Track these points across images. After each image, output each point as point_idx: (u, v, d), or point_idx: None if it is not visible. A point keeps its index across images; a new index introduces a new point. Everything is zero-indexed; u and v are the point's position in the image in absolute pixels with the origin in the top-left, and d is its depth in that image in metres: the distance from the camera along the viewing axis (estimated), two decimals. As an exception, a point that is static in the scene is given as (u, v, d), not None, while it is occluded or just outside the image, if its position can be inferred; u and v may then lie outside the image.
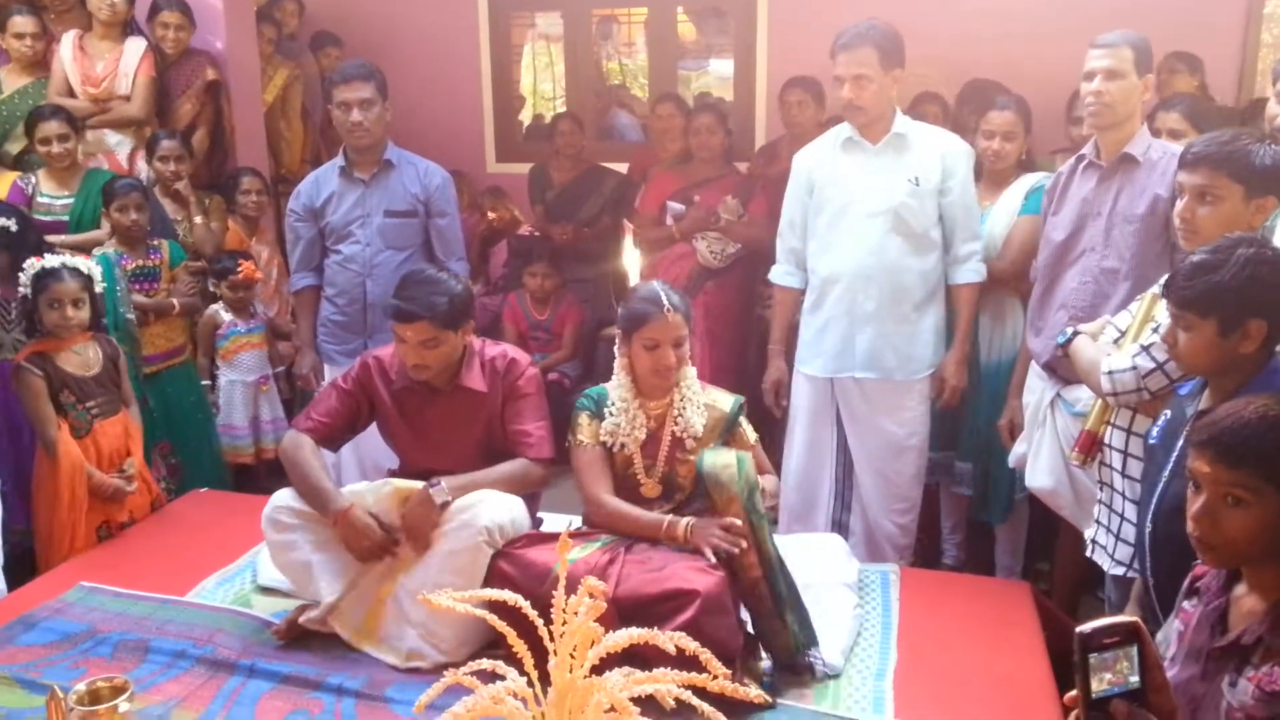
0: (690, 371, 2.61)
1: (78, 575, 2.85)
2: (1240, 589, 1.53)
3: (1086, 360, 2.39)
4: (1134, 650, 1.14)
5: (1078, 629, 1.13)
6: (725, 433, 2.59)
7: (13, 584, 2.85)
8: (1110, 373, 2.26)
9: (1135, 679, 1.13)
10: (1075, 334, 2.49)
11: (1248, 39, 4.55)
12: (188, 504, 3.32)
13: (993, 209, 3.22)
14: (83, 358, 3.14)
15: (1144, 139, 2.66)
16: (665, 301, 2.49)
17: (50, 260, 3.11)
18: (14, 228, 3.22)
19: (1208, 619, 1.55)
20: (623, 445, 2.57)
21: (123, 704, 1.99)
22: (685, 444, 2.55)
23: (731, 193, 4.07)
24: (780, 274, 3.28)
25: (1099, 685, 1.13)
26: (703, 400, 2.60)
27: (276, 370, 4.24)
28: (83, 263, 3.15)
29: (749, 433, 2.63)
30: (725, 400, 2.63)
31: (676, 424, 2.55)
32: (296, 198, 3.51)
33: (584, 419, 2.60)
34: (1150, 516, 1.98)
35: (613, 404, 2.58)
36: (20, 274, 3.08)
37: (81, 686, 2.02)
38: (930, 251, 3.05)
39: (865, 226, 3.01)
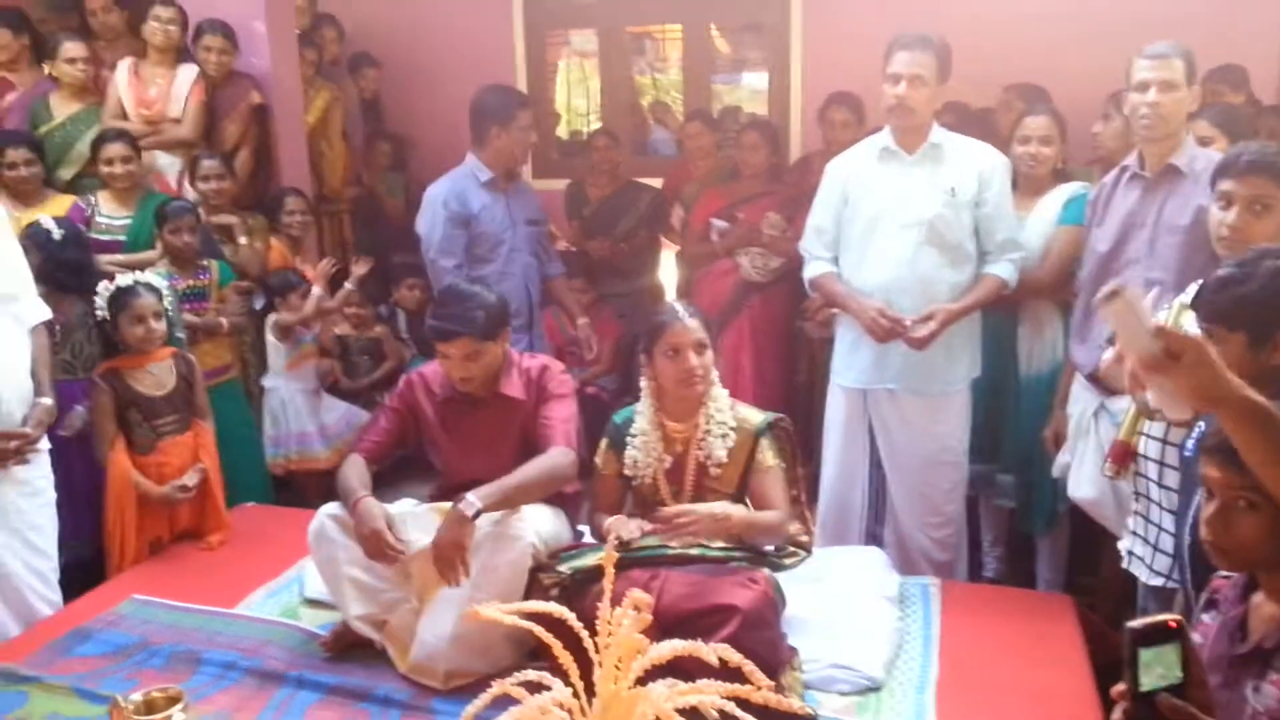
0: (718, 393, 2.57)
1: (130, 588, 2.92)
2: (1258, 597, 1.54)
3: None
4: (1178, 647, 1.18)
5: (1128, 624, 1.17)
6: (753, 452, 2.55)
7: (74, 595, 2.92)
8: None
9: (1179, 674, 1.18)
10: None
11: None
12: (235, 518, 3.38)
13: (1029, 218, 3.20)
14: (156, 377, 3.23)
15: (1189, 150, 2.65)
16: (679, 308, 2.54)
17: (124, 278, 3.22)
18: (57, 235, 3.26)
19: (1227, 628, 1.56)
20: (642, 477, 2.59)
21: (177, 714, 2.04)
22: (709, 471, 2.54)
23: (776, 209, 4.09)
24: (812, 269, 3.20)
25: (1148, 680, 1.17)
26: (730, 421, 2.55)
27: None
28: (153, 278, 3.27)
29: (769, 457, 2.54)
30: (755, 418, 2.58)
31: (700, 449, 2.54)
32: (445, 204, 3.60)
33: (604, 446, 2.65)
34: (1189, 529, 1.97)
35: (634, 435, 2.60)
36: (95, 296, 3.19)
37: (137, 696, 2.07)
38: (965, 264, 3.03)
39: (899, 238, 3.00)
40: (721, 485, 2.55)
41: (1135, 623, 1.17)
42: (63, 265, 3.25)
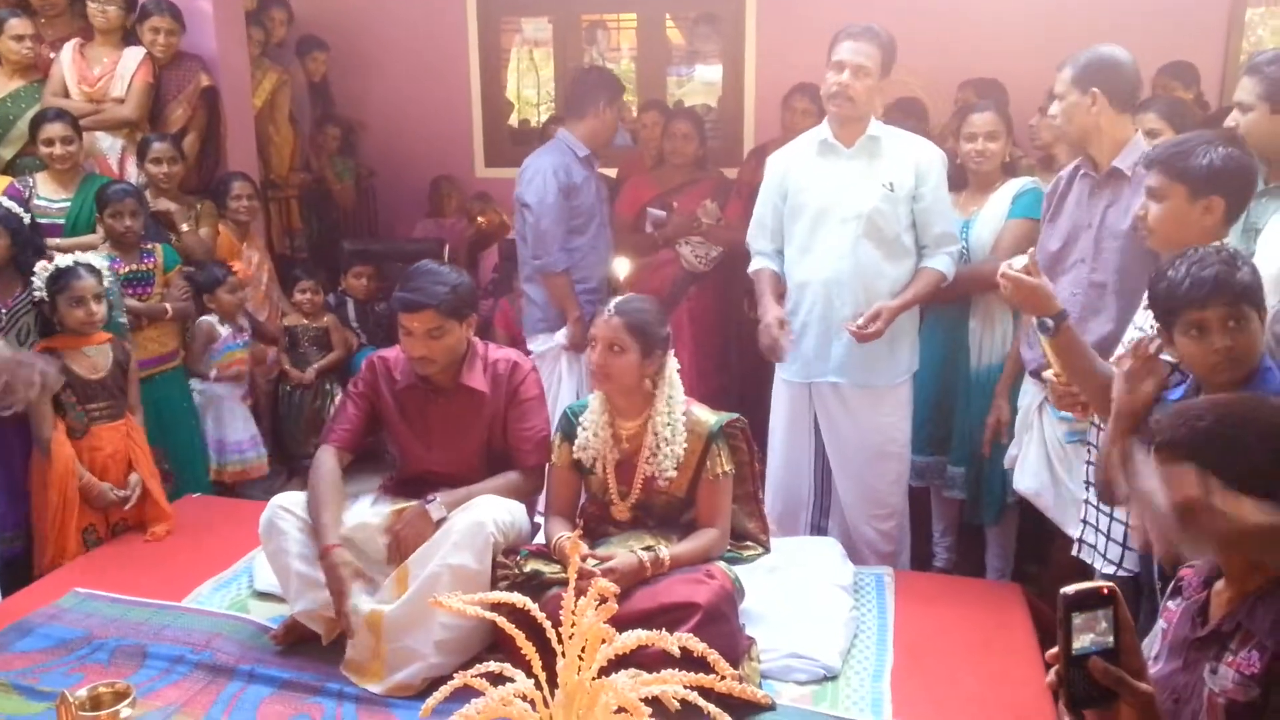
0: (669, 404, 2.53)
1: (72, 581, 2.84)
2: (1220, 584, 1.58)
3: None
4: (1111, 613, 1.22)
5: (1062, 590, 1.21)
6: (704, 457, 2.52)
7: (4, 590, 2.84)
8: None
9: (1111, 639, 1.22)
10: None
11: (1230, 45, 4.63)
12: (180, 509, 3.30)
13: (980, 214, 3.24)
14: (92, 360, 3.15)
15: (1135, 152, 2.62)
16: (611, 303, 2.51)
17: (63, 259, 3.14)
18: (26, 218, 3.24)
19: (1189, 613, 1.60)
20: (594, 464, 2.57)
21: (124, 709, 2.00)
22: (658, 483, 2.53)
23: (709, 196, 4.11)
24: (756, 262, 3.22)
25: (1080, 643, 1.21)
26: (680, 433, 2.51)
27: (269, 375, 4.24)
28: (94, 260, 3.19)
29: (719, 463, 2.51)
30: (708, 421, 2.54)
31: (649, 463, 2.52)
32: (555, 174, 3.65)
33: (558, 439, 2.63)
34: None
35: (585, 418, 2.59)
36: (32, 278, 3.10)
37: (83, 692, 2.02)
38: (904, 258, 3.05)
39: (839, 232, 3.01)
40: (671, 490, 2.55)
41: (1069, 589, 1.21)
42: (28, 246, 3.20)
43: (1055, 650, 1.22)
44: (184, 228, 3.98)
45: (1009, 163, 3.38)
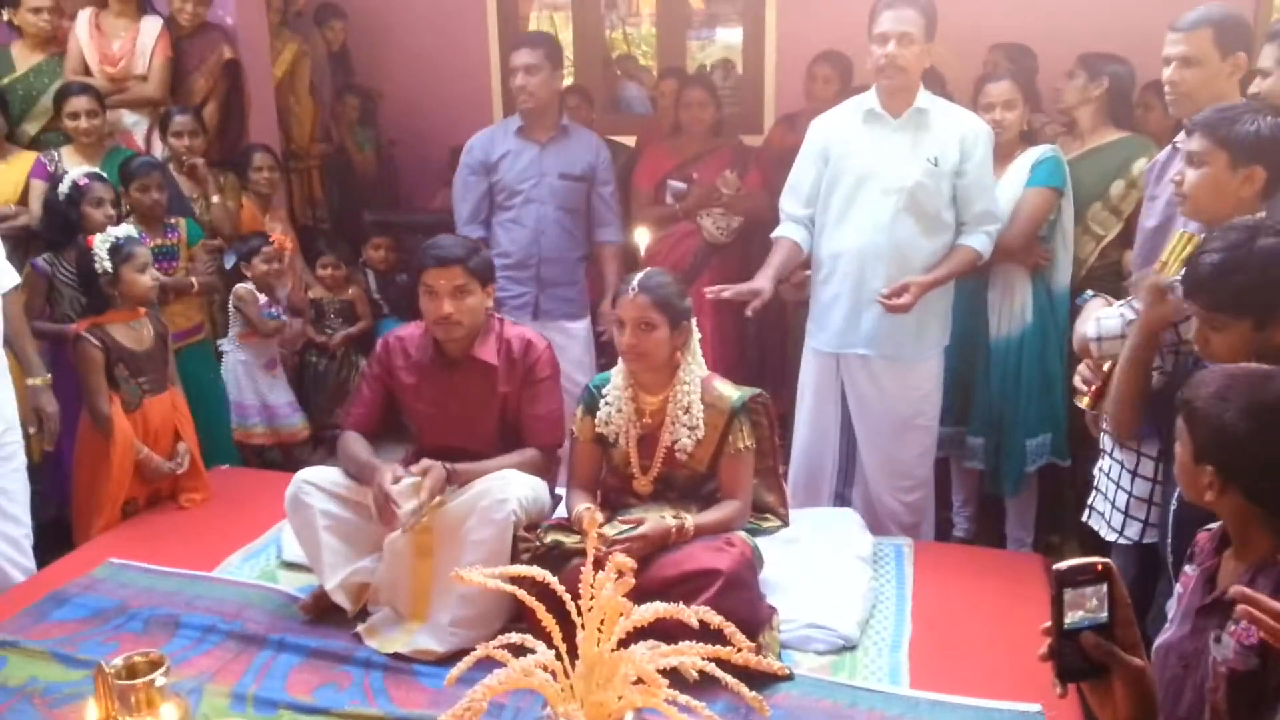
0: (691, 375, 2.55)
1: (105, 552, 2.90)
2: (1230, 551, 1.61)
3: (1086, 312, 2.45)
4: (1104, 589, 1.23)
5: (1054, 566, 1.23)
6: (726, 432, 2.54)
7: (40, 557, 2.91)
8: (1099, 319, 2.34)
9: (1104, 615, 1.23)
10: (1094, 295, 2.52)
11: (1260, 7, 4.51)
12: (211, 481, 3.36)
13: (998, 184, 3.20)
14: (137, 333, 3.17)
15: None
16: (634, 281, 2.50)
17: (123, 228, 3.18)
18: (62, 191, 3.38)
19: (1199, 580, 1.63)
20: (616, 437, 2.59)
21: (159, 678, 2.04)
22: (677, 457, 2.55)
23: (728, 165, 4.08)
24: (781, 229, 3.17)
25: (1072, 618, 1.23)
26: (699, 408, 2.51)
27: (295, 347, 4.29)
28: (130, 230, 3.23)
29: (741, 438, 2.52)
30: (731, 396, 2.54)
31: (670, 434, 2.54)
32: (469, 152, 3.72)
33: (580, 412, 2.65)
34: (1177, 495, 2.02)
35: (608, 392, 2.60)
36: (92, 247, 3.08)
37: (118, 661, 2.07)
38: (942, 233, 3.03)
39: (879, 203, 2.99)
40: (692, 464, 2.56)
41: (1061, 565, 1.23)
42: (63, 222, 3.33)
43: (1048, 624, 1.24)
44: (214, 199, 4.02)
45: (1029, 130, 3.34)
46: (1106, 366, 2.40)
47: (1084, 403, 2.49)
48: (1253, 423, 1.51)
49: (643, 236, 3.39)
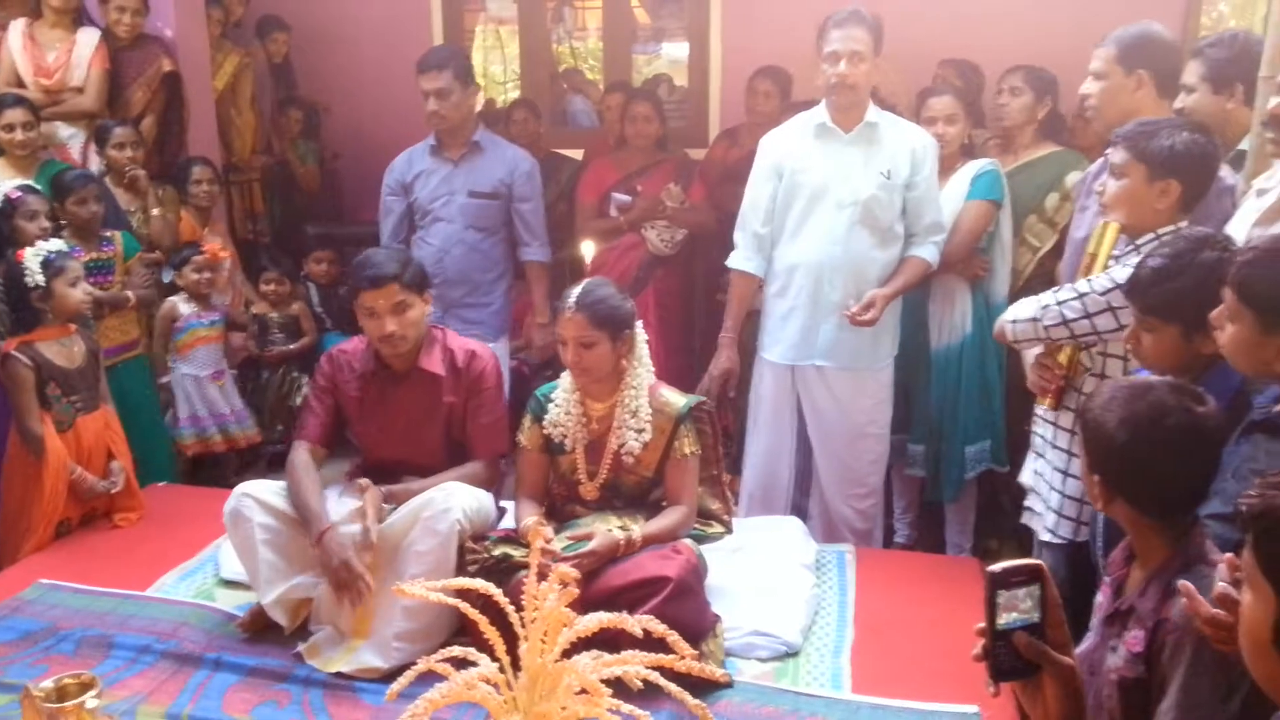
0: (638, 379, 2.56)
1: (35, 573, 2.83)
2: (1136, 563, 1.65)
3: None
4: (1037, 590, 1.27)
5: (988, 569, 1.27)
6: (672, 438, 2.55)
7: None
8: (1014, 321, 2.40)
9: (1036, 615, 1.27)
10: None
11: (1189, 23, 4.65)
12: (146, 498, 3.28)
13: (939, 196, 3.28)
14: (69, 350, 3.10)
15: None
16: (571, 299, 2.48)
17: (54, 242, 3.09)
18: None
19: (1110, 590, 1.67)
20: (562, 443, 2.59)
21: (90, 700, 1.99)
22: (624, 461, 2.56)
23: (672, 179, 4.11)
24: (739, 259, 3.19)
25: (1004, 619, 1.26)
26: (646, 413, 2.53)
27: (235, 362, 4.21)
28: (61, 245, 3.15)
29: (686, 444, 2.54)
30: (677, 403, 2.56)
31: (615, 436, 2.55)
32: (390, 172, 3.71)
33: (528, 421, 2.65)
34: None
35: (556, 396, 2.61)
36: (23, 261, 2.98)
37: (48, 683, 2.01)
38: (894, 244, 3.09)
39: (834, 217, 3.03)
40: (639, 470, 2.57)
41: (994, 567, 1.26)
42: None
43: (981, 625, 1.27)
44: (154, 212, 3.95)
45: (968, 144, 3.41)
46: (1061, 356, 2.44)
47: (1046, 403, 2.53)
48: (1128, 432, 1.54)
49: (588, 249, 3.38)
